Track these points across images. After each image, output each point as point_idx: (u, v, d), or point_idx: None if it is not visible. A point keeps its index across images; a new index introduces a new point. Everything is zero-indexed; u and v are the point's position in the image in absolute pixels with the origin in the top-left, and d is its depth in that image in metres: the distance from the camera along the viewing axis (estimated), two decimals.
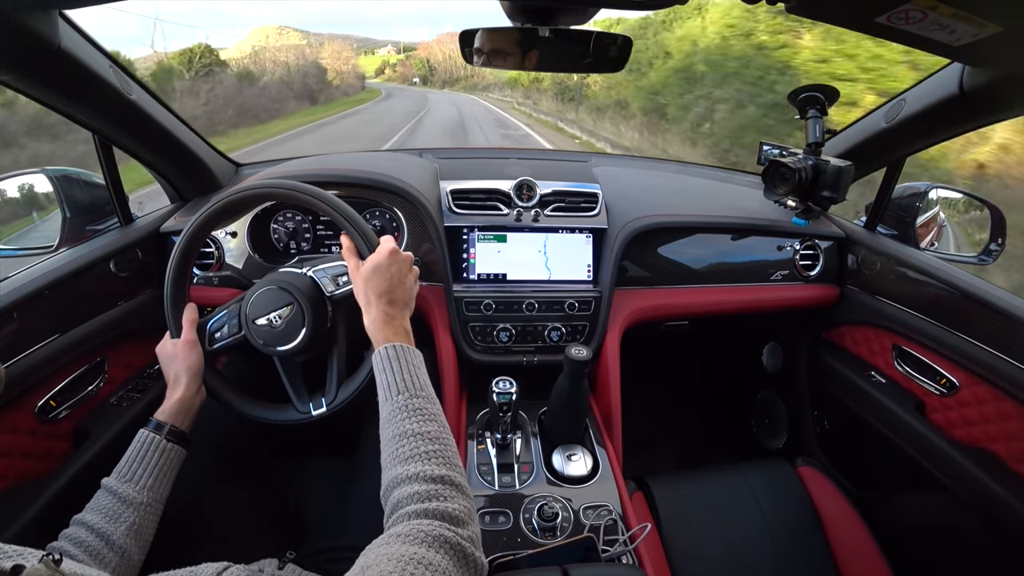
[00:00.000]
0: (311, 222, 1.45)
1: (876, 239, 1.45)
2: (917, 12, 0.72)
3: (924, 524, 1.29)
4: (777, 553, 1.24)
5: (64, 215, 1.25)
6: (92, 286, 1.20)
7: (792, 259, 1.53)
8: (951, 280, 1.20)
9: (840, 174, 1.22)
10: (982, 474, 1.10)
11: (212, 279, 1.38)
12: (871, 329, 1.45)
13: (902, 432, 1.29)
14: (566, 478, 1.11)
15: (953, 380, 1.20)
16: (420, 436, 0.71)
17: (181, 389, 0.95)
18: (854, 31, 0.84)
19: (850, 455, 1.54)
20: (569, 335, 1.36)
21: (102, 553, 0.77)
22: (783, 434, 1.79)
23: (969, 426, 1.17)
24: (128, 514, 0.81)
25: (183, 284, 1.03)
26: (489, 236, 1.38)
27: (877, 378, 1.40)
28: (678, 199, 1.56)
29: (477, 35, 0.97)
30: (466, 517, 0.63)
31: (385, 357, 0.81)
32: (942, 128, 1.19)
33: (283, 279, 0.98)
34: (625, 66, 1.00)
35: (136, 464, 0.86)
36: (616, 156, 3.13)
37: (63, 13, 0.89)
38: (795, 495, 1.35)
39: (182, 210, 1.45)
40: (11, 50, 0.84)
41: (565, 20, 0.94)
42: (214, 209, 0.98)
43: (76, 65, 0.95)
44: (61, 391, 1.10)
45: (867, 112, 1.36)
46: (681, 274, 1.49)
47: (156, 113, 1.22)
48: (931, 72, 1.12)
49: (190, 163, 1.42)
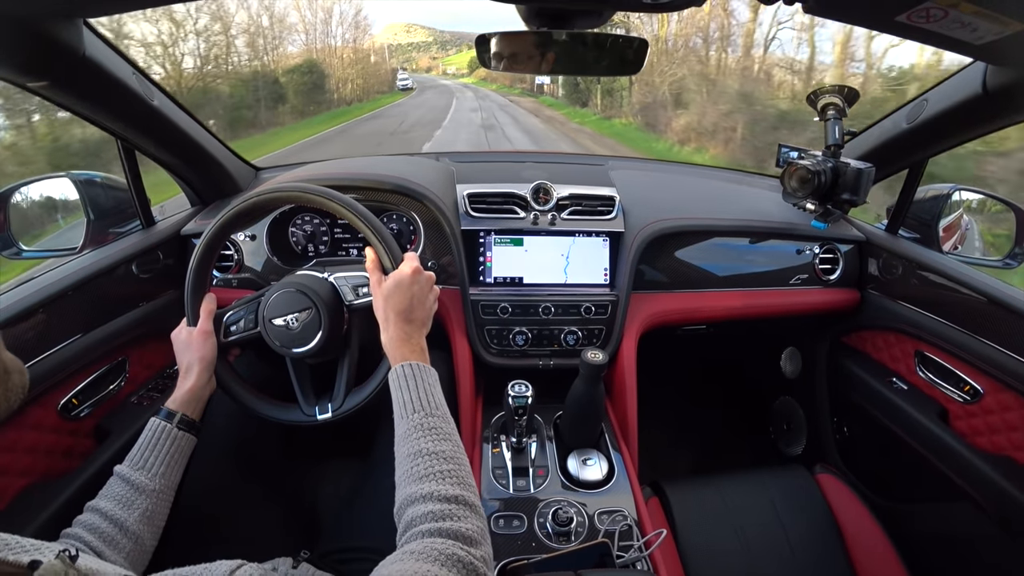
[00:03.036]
0: (329, 225, 1.46)
1: (898, 242, 1.42)
2: (938, 10, 0.71)
3: (946, 534, 1.26)
4: (795, 562, 1.22)
5: (88, 218, 1.27)
6: (114, 287, 1.22)
7: (811, 263, 1.52)
8: (976, 285, 1.17)
9: (860, 176, 1.20)
10: (1006, 483, 1.08)
11: (231, 281, 1.40)
12: (892, 334, 1.43)
13: (924, 440, 1.26)
14: (581, 483, 1.11)
15: (977, 387, 1.18)
16: (435, 455, 0.72)
17: (193, 378, 0.96)
18: (874, 30, 0.82)
19: (870, 463, 1.52)
20: (585, 339, 1.36)
21: (116, 539, 0.78)
22: (802, 441, 1.77)
23: (993, 434, 1.14)
24: (141, 501, 0.83)
25: (205, 275, 1.04)
26: (506, 240, 1.38)
27: (899, 384, 1.38)
28: (695, 202, 1.55)
29: (494, 39, 0.98)
30: (479, 537, 0.64)
31: (401, 375, 0.82)
32: (965, 128, 1.17)
33: (303, 283, 0.98)
34: (642, 68, 1.00)
35: (148, 452, 0.87)
36: (633, 159, 3.11)
37: (87, 22, 0.91)
38: (814, 503, 1.32)
39: (202, 213, 1.47)
40: (38, 59, 0.86)
41: (581, 23, 0.94)
42: (242, 207, 0.99)
43: (101, 72, 0.97)
44: (83, 390, 1.12)
45: (888, 113, 1.34)
46: (698, 278, 1.48)
47: (177, 118, 1.24)
48: (953, 72, 1.10)
49: (211, 167, 1.44)
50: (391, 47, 70.14)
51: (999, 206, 1.41)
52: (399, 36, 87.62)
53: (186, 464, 0.93)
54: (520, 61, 1.00)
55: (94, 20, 0.93)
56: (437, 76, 47.00)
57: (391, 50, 66.84)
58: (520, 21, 0.97)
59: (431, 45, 56.75)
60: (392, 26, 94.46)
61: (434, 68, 48.29)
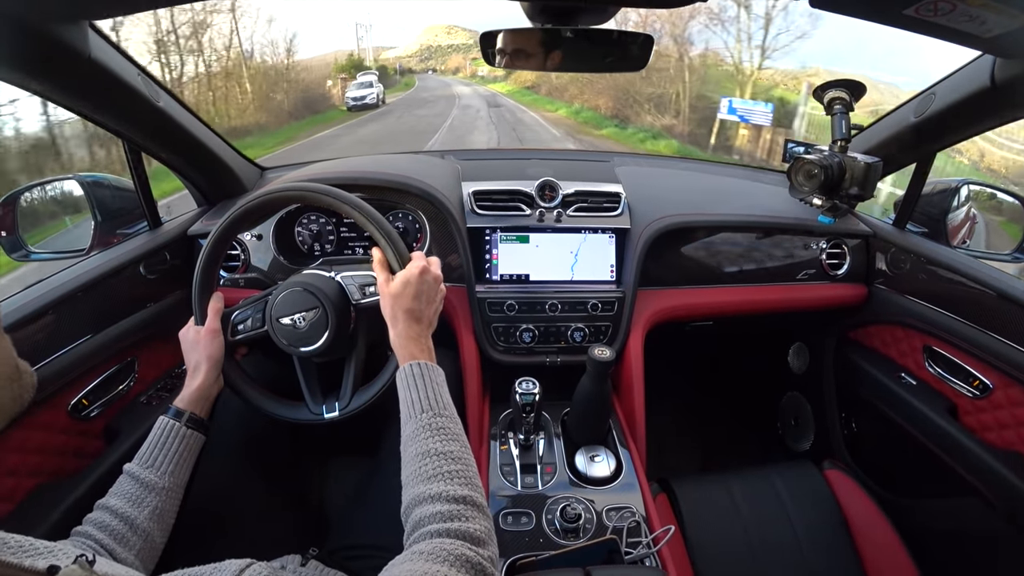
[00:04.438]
0: (335, 224, 1.47)
1: (906, 237, 1.42)
2: (946, 3, 0.71)
3: (955, 529, 1.25)
4: (803, 557, 1.22)
5: (96, 219, 1.28)
6: (122, 288, 1.22)
7: (818, 258, 1.51)
8: (985, 279, 1.17)
9: (867, 171, 1.19)
10: (1015, 479, 1.08)
11: (238, 281, 1.40)
12: (901, 329, 1.42)
13: (933, 435, 1.26)
14: (589, 479, 1.11)
15: (986, 382, 1.17)
16: (443, 456, 0.72)
17: (200, 377, 0.97)
18: (881, 24, 0.82)
19: (879, 458, 1.51)
20: (592, 336, 1.36)
21: (126, 536, 0.79)
22: (809, 436, 1.76)
23: (1003, 429, 1.14)
24: (150, 499, 0.83)
25: (212, 274, 1.04)
26: (512, 237, 1.38)
27: (907, 379, 1.37)
28: (701, 198, 1.55)
29: (499, 36, 0.97)
30: (486, 538, 0.64)
31: (409, 374, 0.82)
32: (973, 122, 1.16)
33: (310, 282, 0.99)
34: (647, 64, 0.99)
35: (157, 450, 0.88)
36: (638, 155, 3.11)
37: (92, 24, 0.91)
38: (822, 498, 1.32)
39: (209, 213, 1.47)
40: (44, 61, 0.87)
41: (586, 20, 0.94)
42: (248, 206, 0.99)
43: (106, 74, 0.97)
44: (93, 390, 1.13)
45: (896, 107, 1.33)
46: (705, 274, 1.48)
47: (183, 119, 1.25)
48: (962, 65, 1.10)
49: (217, 167, 1.45)
50: (431, 48, 69.10)
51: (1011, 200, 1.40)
52: (439, 38, 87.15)
53: (195, 462, 0.94)
54: (524, 57, 1.00)
55: (100, 23, 0.93)
56: (460, 79, 41.46)
57: (430, 51, 65.75)
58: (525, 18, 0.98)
59: (471, 47, 56.49)
60: (432, 28, 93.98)
61: (462, 69, 46.88)
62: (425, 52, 54.41)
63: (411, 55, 41.84)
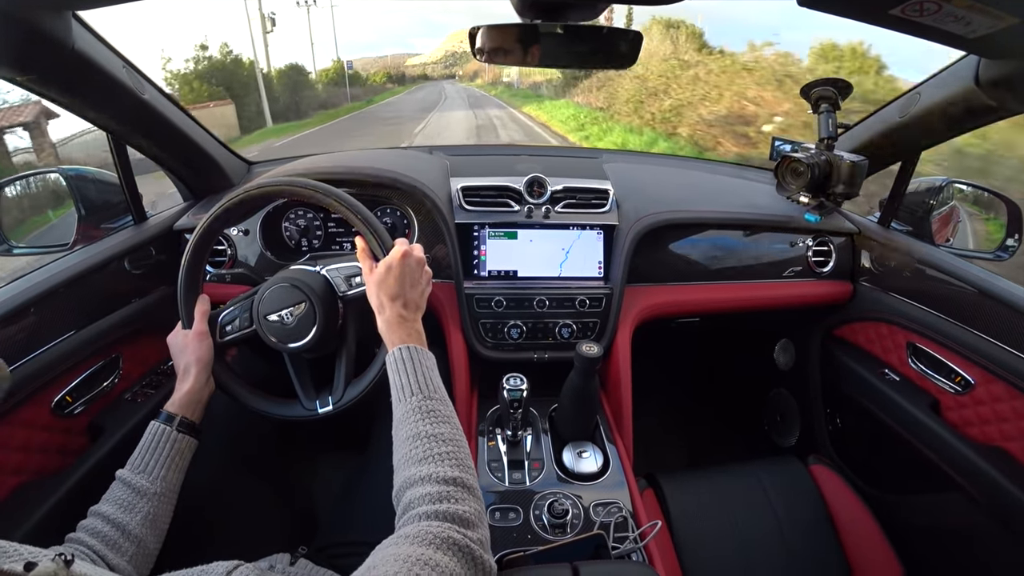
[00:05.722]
0: (322, 220, 1.46)
1: (891, 235, 1.43)
2: (932, 4, 0.71)
3: (937, 524, 1.27)
4: (788, 551, 1.23)
5: (79, 213, 1.26)
6: (107, 283, 1.21)
7: (805, 255, 1.52)
8: (967, 277, 1.18)
9: (853, 169, 1.20)
10: (997, 474, 1.09)
11: (225, 276, 1.39)
12: (885, 326, 1.44)
13: (916, 430, 1.27)
14: (577, 475, 1.11)
15: (968, 378, 1.19)
16: (433, 438, 0.71)
17: (191, 380, 0.96)
18: (867, 24, 0.82)
19: (863, 453, 1.53)
20: (580, 332, 1.36)
21: (119, 543, 0.78)
22: (795, 432, 1.78)
23: (984, 425, 1.15)
24: (143, 504, 0.83)
25: (197, 275, 1.04)
26: (500, 233, 1.38)
27: (891, 376, 1.39)
28: (689, 195, 1.55)
29: (485, 32, 0.97)
30: (476, 520, 0.63)
31: (399, 358, 0.81)
32: (958, 122, 1.16)
33: (296, 277, 0.98)
34: (636, 61, 0.99)
35: (149, 455, 0.87)
36: (627, 153, 3.11)
37: (76, 15, 0.90)
38: (807, 493, 1.34)
39: (195, 207, 1.46)
40: (26, 51, 0.85)
41: (575, 16, 0.93)
42: (231, 203, 0.99)
43: (90, 66, 0.96)
44: (77, 387, 1.12)
45: (881, 106, 1.35)
46: (692, 271, 1.49)
47: (169, 112, 1.23)
48: (946, 65, 1.11)
49: (203, 161, 1.43)
50: (455, 54, 67.85)
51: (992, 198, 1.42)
52: (464, 44, 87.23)
53: (187, 467, 0.93)
54: (513, 54, 1.00)
55: (83, 13, 0.92)
56: (461, 86, 38.22)
57: (454, 58, 64.36)
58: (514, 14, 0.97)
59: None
60: (456, 33, 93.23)
61: (481, 75, 45.04)
62: (449, 59, 53.44)
63: (436, 62, 41.25)
